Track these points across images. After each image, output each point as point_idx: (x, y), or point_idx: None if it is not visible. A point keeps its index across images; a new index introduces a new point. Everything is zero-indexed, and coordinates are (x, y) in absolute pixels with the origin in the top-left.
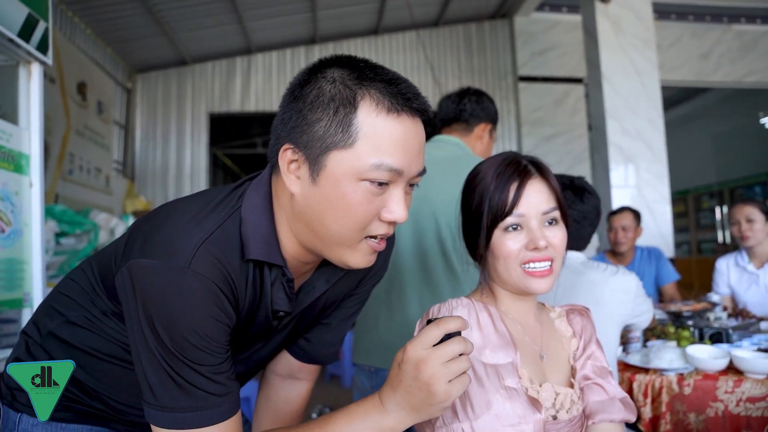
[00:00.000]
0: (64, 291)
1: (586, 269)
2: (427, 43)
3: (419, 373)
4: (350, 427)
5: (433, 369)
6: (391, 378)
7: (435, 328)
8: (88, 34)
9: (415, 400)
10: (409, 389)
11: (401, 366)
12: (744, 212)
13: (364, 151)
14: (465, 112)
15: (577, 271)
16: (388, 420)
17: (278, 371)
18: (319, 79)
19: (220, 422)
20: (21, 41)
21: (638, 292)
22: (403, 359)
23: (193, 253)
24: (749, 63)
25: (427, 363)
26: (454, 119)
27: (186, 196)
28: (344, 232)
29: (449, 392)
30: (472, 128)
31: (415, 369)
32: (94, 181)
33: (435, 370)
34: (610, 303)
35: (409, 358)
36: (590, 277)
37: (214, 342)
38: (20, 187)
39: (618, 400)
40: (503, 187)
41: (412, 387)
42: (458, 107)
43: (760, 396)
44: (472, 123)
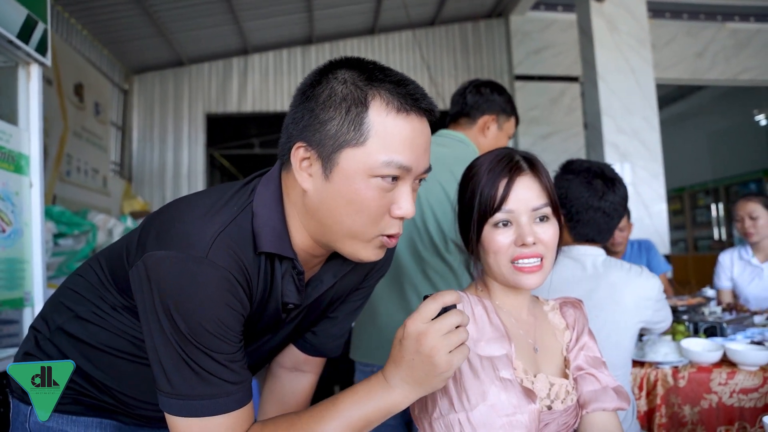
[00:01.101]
0: (73, 287)
1: (607, 270)
2: (423, 43)
3: (420, 346)
4: (357, 406)
5: (433, 341)
6: (394, 355)
7: (432, 302)
8: (84, 35)
9: (419, 373)
10: (412, 363)
11: (402, 342)
12: (747, 209)
13: (375, 148)
14: (467, 105)
15: (598, 275)
16: (394, 395)
17: (284, 364)
18: (331, 79)
19: (234, 410)
20: (20, 42)
21: (659, 297)
22: (404, 335)
23: (210, 244)
24: (743, 61)
25: (428, 336)
26: (458, 113)
27: (196, 192)
28: (357, 227)
29: (451, 362)
30: (475, 121)
31: (417, 342)
32: (91, 182)
33: (435, 342)
34: (630, 306)
35: (410, 333)
36: (611, 279)
37: (229, 330)
38: (20, 187)
39: (611, 389)
40: (493, 182)
41: (414, 361)
42: (461, 100)
43: (752, 387)
44: (474, 116)
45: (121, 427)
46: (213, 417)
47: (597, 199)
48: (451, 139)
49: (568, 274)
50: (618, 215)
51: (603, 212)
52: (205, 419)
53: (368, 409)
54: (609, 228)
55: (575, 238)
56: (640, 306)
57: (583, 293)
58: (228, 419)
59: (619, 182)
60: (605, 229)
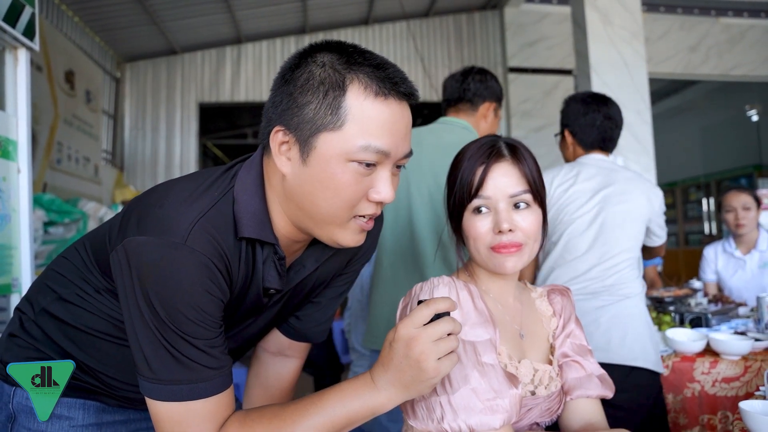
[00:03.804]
0: (58, 269)
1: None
2: (417, 34)
3: (410, 351)
4: (342, 403)
5: (423, 346)
6: (383, 357)
7: (425, 308)
8: (75, 22)
9: (406, 377)
10: (400, 367)
11: (392, 345)
12: (741, 200)
13: (352, 133)
14: (469, 91)
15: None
16: (379, 397)
17: (269, 348)
18: (309, 63)
19: (214, 395)
20: (7, 26)
21: (662, 205)
22: (395, 338)
23: (189, 230)
24: (736, 56)
25: (418, 341)
26: (459, 99)
27: (179, 177)
28: (333, 211)
29: (438, 369)
30: (476, 108)
31: (406, 347)
32: (82, 170)
33: (425, 347)
34: (643, 200)
35: (401, 336)
36: (626, 174)
37: (208, 316)
38: (8, 172)
39: (595, 377)
40: (471, 168)
41: (402, 364)
42: (462, 86)
43: (734, 376)
44: (477, 102)
45: (105, 408)
46: (193, 401)
47: (595, 106)
48: (455, 126)
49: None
50: (618, 123)
51: (604, 116)
52: (184, 404)
53: (352, 408)
54: (612, 136)
55: (584, 147)
56: (651, 199)
57: (596, 185)
58: (208, 404)
59: (611, 100)
60: (609, 137)
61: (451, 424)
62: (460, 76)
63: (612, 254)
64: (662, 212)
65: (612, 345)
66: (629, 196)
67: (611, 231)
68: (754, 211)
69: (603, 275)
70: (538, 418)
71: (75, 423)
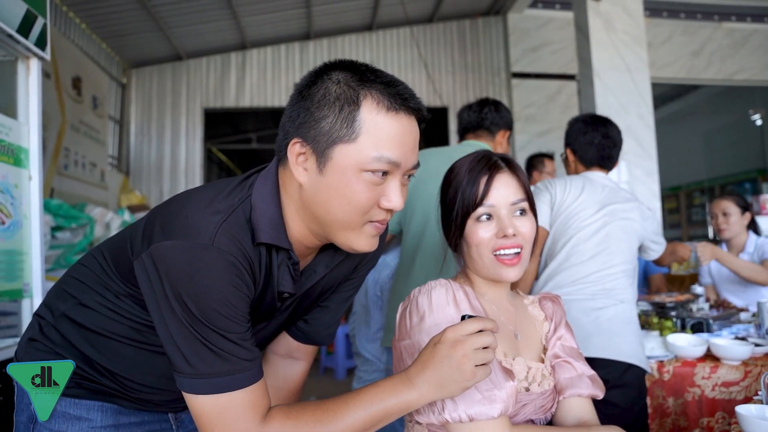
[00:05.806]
0: (76, 276)
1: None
2: (421, 40)
3: (454, 352)
4: (380, 398)
5: (466, 350)
6: (423, 356)
7: (474, 322)
8: (82, 29)
9: (444, 376)
10: (441, 365)
11: (437, 345)
12: (720, 206)
13: (366, 145)
14: (486, 120)
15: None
16: (413, 394)
17: (277, 351)
18: (325, 80)
19: (251, 384)
20: (20, 37)
21: (654, 227)
22: (441, 340)
23: (215, 232)
24: (739, 60)
25: (463, 345)
26: (477, 126)
27: (197, 187)
28: (348, 217)
29: (475, 374)
30: (494, 135)
31: (451, 348)
32: (89, 175)
33: (468, 352)
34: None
35: (447, 338)
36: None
37: (239, 311)
38: (19, 179)
39: (586, 377)
40: (474, 180)
41: (443, 364)
42: (480, 116)
43: (734, 381)
44: (494, 130)
45: (121, 410)
46: (233, 392)
47: (595, 126)
48: (480, 147)
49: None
50: (617, 142)
51: (602, 135)
52: (227, 395)
53: (390, 403)
54: (610, 155)
55: (585, 164)
56: (645, 219)
57: (604, 199)
58: (247, 394)
59: (611, 121)
60: (607, 156)
61: (452, 414)
62: (477, 106)
63: (612, 263)
64: (654, 230)
65: (612, 342)
66: (629, 214)
67: (614, 242)
68: (736, 216)
69: (603, 280)
70: (533, 415)
71: (94, 425)
